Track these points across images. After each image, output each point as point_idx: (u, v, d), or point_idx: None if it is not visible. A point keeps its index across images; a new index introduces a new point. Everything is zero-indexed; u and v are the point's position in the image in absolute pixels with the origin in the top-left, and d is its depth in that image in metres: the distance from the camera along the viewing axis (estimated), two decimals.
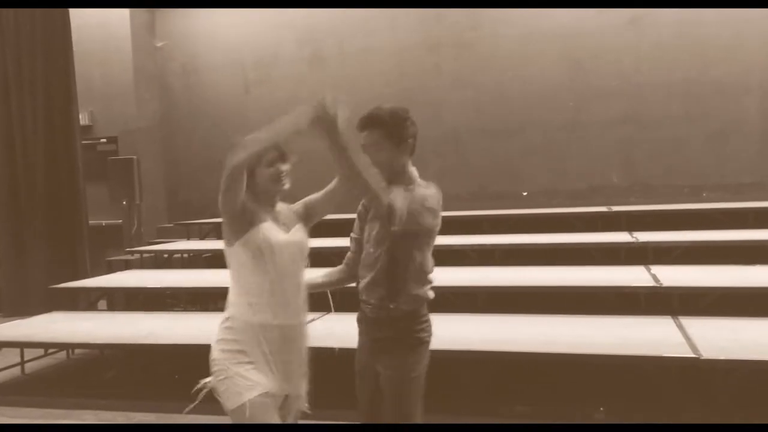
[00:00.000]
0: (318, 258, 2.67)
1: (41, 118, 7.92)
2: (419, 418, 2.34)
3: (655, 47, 7.55)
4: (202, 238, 7.74)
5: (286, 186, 2.28)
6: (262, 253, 2.17)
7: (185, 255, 7.27)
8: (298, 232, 2.31)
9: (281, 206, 2.36)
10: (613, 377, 4.34)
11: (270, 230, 2.21)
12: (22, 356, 5.27)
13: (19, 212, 7.86)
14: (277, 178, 2.24)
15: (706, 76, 7.41)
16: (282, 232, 2.25)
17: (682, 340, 3.84)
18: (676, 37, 7.47)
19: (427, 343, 2.40)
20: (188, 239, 7.81)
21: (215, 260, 6.97)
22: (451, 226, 6.99)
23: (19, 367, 5.27)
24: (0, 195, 7.86)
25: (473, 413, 3.95)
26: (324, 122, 1.99)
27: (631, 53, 7.64)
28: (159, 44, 9.28)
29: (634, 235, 5.88)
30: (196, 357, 4.91)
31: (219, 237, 8.16)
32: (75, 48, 8.02)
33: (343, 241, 2.69)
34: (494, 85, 8.05)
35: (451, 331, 4.28)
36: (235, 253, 2.21)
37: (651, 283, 4.69)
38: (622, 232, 6.22)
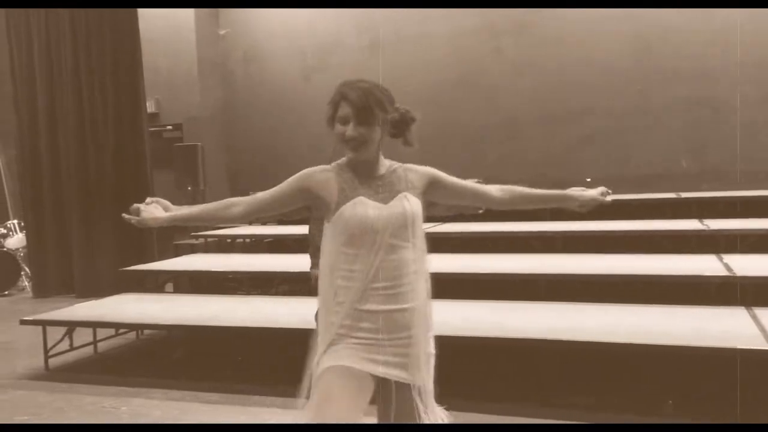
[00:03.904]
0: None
1: (110, 107, 8.19)
2: None
3: (726, 27, 7.21)
4: (263, 224, 7.87)
5: (356, 153, 2.00)
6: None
7: (247, 240, 7.42)
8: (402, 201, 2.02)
9: (395, 168, 2.07)
10: (683, 369, 4.20)
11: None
12: (94, 336, 5.48)
13: (90, 199, 8.17)
14: (341, 139, 1.98)
15: None
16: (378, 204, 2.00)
17: (757, 331, 3.69)
18: (748, 17, 7.11)
19: None
20: (250, 224, 7.96)
21: (276, 245, 7.10)
22: (512, 214, 6.95)
23: (92, 347, 5.48)
24: (72, 183, 8.20)
25: (535, 403, 3.89)
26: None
27: (701, 34, 7.32)
28: (222, 32, 9.44)
29: (705, 223, 5.66)
30: (257, 339, 5.05)
31: (280, 222, 8.28)
32: (141, 37, 8.23)
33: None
34: (555, 69, 7.85)
35: (514, 320, 4.23)
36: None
37: (723, 272, 4.51)
38: (692, 219, 6.00)
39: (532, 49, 7.97)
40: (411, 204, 2.02)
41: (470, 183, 2.16)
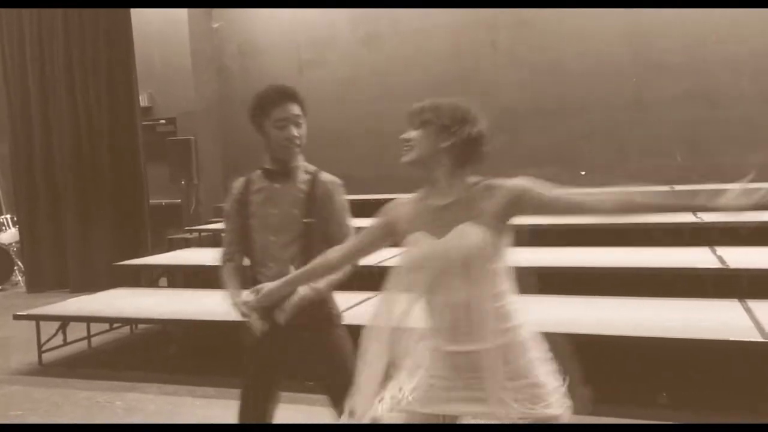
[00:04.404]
0: None
1: (104, 102, 8.16)
2: None
3: (723, 20, 7.20)
4: None
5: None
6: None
7: None
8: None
9: (474, 189, 1.93)
10: (677, 361, 4.21)
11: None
12: (88, 331, 5.47)
13: (84, 193, 8.15)
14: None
15: None
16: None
17: (750, 323, 3.70)
18: (746, 10, 7.10)
19: None
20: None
21: None
22: None
23: (85, 341, 5.47)
24: (66, 177, 8.17)
25: None
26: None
27: (698, 27, 7.31)
28: (215, 25, 9.39)
29: (699, 215, 5.67)
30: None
31: None
32: (134, 31, 8.19)
33: None
34: (552, 63, 7.82)
35: None
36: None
37: (717, 264, 4.53)
38: (685, 212, 6.01)
39: (529, 43, 7.95)
40: (466, 237, 1.83)
41: (572, 192, 1.90)
